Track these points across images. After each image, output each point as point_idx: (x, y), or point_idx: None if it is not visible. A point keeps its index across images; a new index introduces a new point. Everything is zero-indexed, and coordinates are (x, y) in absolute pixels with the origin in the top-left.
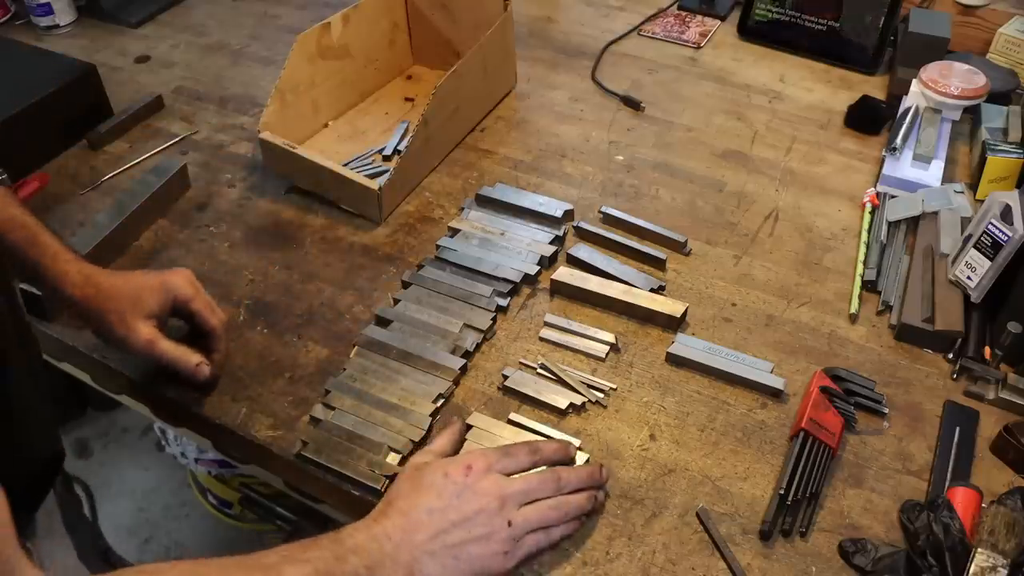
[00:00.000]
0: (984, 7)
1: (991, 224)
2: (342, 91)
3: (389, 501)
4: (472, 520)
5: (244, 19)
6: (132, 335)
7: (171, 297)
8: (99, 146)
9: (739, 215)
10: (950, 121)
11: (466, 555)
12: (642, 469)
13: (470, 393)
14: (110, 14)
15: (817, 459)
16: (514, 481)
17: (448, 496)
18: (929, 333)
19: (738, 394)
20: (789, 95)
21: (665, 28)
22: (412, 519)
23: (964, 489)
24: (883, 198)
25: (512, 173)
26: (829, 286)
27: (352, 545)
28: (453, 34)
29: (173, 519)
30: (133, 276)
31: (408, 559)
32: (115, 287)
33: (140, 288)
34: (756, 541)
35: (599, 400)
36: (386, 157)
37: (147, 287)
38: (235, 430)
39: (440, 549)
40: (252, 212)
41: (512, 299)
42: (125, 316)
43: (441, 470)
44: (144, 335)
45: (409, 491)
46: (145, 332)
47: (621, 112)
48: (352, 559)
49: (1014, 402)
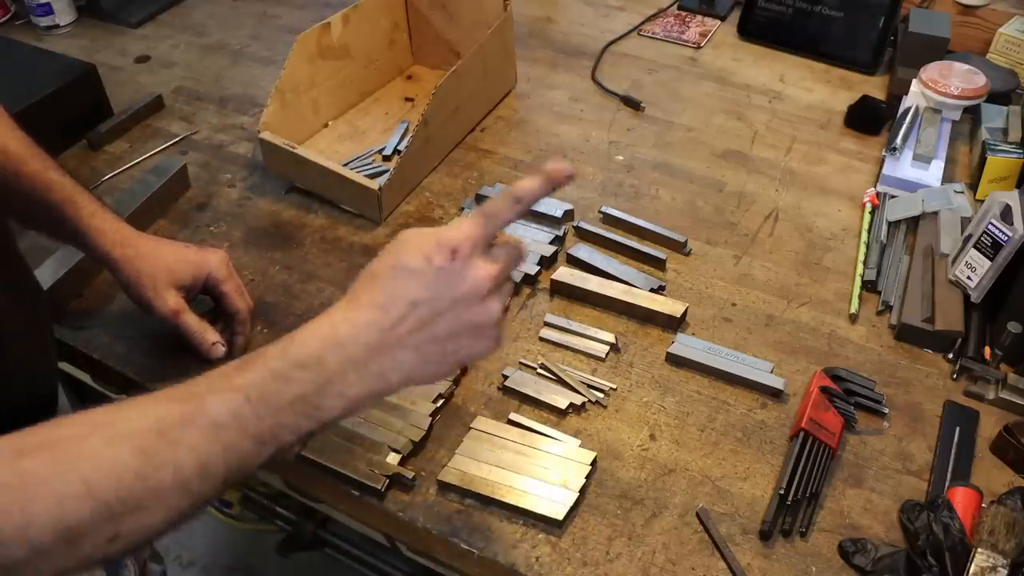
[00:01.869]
0: (984, 7)
1: (991, 224)
2: (342, 91)
3: (356, 294)
4: (464, 308)
5: (244, 19)
6: (160, 301)
7: (204, 274)
8: (99, 146)
9: (739, 215)
10: (950, 121)
11: (454, 347)
12: (642, 469)
13: (470, 393)
14: (110, 14)
15: (817, 459)
16: (498, 261)
17: (436, 286)
18: (929, 333)
19: (738, 394)
20: (789, 95)
21: (665, 28)
22: (392, 314)
23: (964, 489)
24: (883, 198)
25: (512, 173)
26: (829, 286)
27: (303, 357)
28: (453, 34)
29: None
30: (171, 246)
31: (381, 366)
32: (153, 252)
33: (177, 260)
34: (756, 541)
35: (599, 400)
36: (386, 157)
37: (183, 260)
38: None
39: (424, 343)
40: (252, 212)
41: (512, 299)
42: (157, 283)
43: (421, 254)
44: (171, 304)
45: (385, 280)
46: (172, 301)
47: (621, 112)
48: (300, 375)
49: (1014, 402)
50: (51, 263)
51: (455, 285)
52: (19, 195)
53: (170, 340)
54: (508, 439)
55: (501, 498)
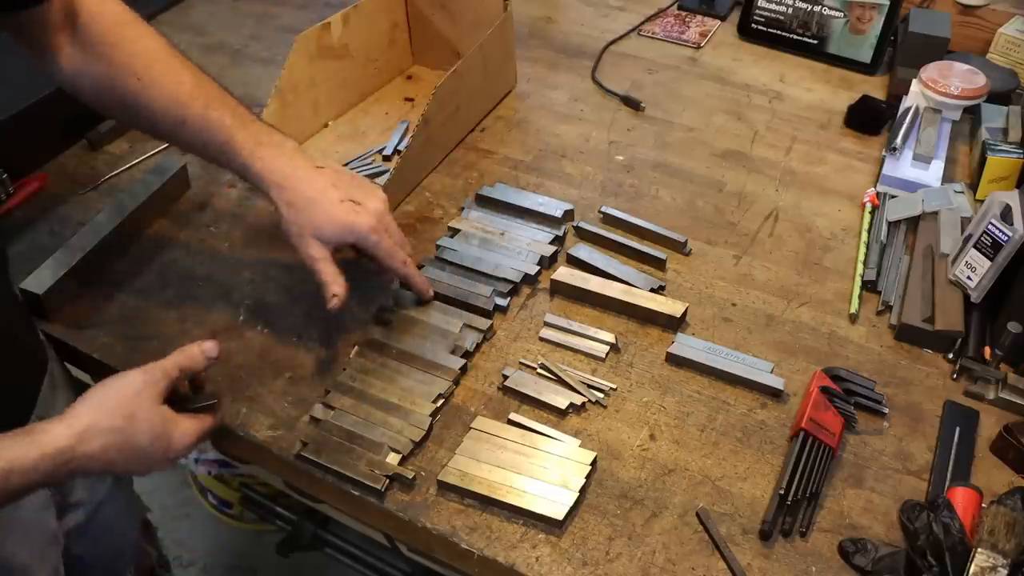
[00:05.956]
0: (984, 7)
1: (991, 224)
2: (342, 91)
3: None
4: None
5: (244, 19)
6: (303, 248)
7: (350, 240)
8: (99, 146)
9: (739, 215)
10: (950, 121)
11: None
12: (642, 469)
13: (470, 393)
14: None
15: (817, 459)
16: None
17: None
18: (929, 333)
19: (738, 394)
20: (789, 95)
21: (665, 28)
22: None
23: (964, 489)
24: (883, 198)
25: (512, 173)
26: (829, 286)
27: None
28: (453, 34)
29: (173, 519)
30: (325, 201)
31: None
32: (307, 203)
33: (325, 219)
34: (756, 541)
35: (599, 400)
36: (386, 157)
37: (333, 220)
38: (235, 430)
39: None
40: (252, 212)
41: (512, 299)
42: (304, 232)
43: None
44: (312, 253)
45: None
46: (315, 252)
47: (621, 112)
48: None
49: (1014, 402)
50: (51, 263)
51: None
52: (185, 139)
53: (170, 340)
54: (508, 439)
55: (501, 498)
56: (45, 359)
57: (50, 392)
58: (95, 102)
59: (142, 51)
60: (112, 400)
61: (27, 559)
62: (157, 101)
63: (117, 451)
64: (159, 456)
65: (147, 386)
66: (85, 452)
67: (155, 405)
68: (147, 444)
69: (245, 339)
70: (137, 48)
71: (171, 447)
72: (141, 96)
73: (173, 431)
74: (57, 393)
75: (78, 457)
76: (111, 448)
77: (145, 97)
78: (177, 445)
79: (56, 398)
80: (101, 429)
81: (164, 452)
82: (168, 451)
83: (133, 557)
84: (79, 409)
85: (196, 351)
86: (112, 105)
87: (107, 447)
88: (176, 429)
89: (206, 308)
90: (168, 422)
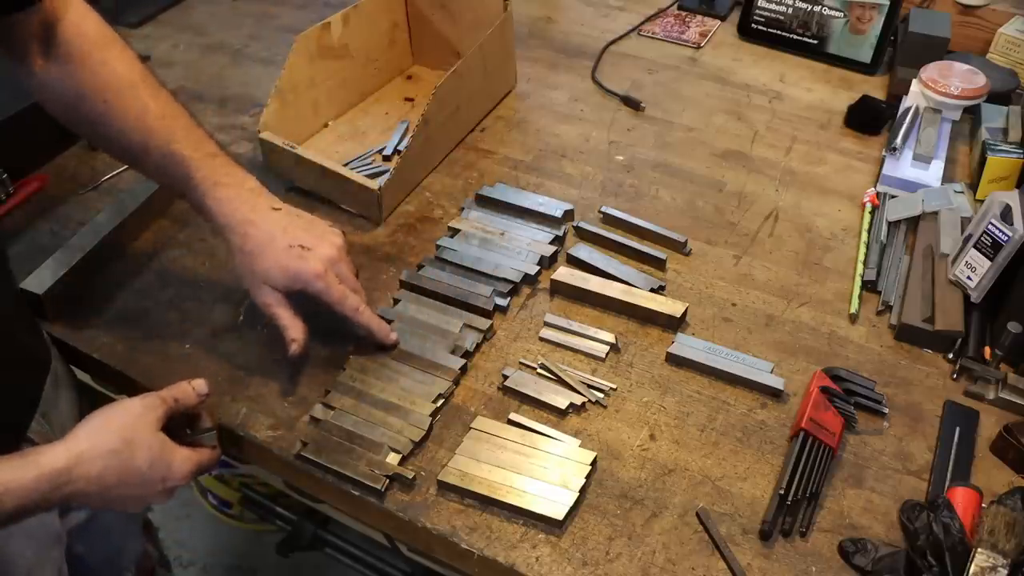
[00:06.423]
0: (984, 7)
1: (991, 224)
2: (342, 91)
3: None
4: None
5: (244, 19)
6: (256, 295)
7: (297, 287)
8: None
9: (739, 215)
10: (950, 121)
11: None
12: (642, 469)
13: (470, 393)
14: (110, 14)
15: (817, 459)
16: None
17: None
18: (929, 333)
19: (738, 394)
20: (789, 95)
21: (665, 28)
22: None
23: (964, 489)
24: (883, 198)
25: (512, 173)
26: (829, 286)
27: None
28: (453, 34)
29: (173, 519)
30: (272, 247)
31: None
32: (257, 248)
33: (274, 265)
34: (756, 541)
35: (599, 400)
36: (386, 157)
37: (279, 267)
38: (235, 430)
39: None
40: None
41: (512, 299)
42: (256, 277)
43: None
44: (266, 300)
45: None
46: (268, 298)
47: (621, 112)
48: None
49: (1014, 402)
50: (51, 263)
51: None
52: (147, 169)
53: (170, 340)
54: (508, 439)
55: (501, 498)
56: (48, 359)
57: (53, 392)
58: (61, 117)
59: (113, 76)
60: (111, 424)
61: (32, 558)
62: (121, 128)
63: (115, 474)
64: (157, 482)
65: (146, 411)
66: (83, 474)
67: (154, 431)
68: (146, 468)
69: (245, 339)
70: (109, 72)
71: (170, 473)
72: (106, 120)
73: (172, 458)
74: (60, 393)
75: (76, 479)
76: (110, 471)
77: (110, 122)
78: (176, 472)
79: (59, 398)
80: (100, 452)
81: (163, 478)
82: (167, 478)
83: (134, 557)
84: (78, 432)
85: (187, 387)
86: (77, 123)
87: (106, 470)
88: (175, 456)
89: (206, 308)
90: (167, 449)
